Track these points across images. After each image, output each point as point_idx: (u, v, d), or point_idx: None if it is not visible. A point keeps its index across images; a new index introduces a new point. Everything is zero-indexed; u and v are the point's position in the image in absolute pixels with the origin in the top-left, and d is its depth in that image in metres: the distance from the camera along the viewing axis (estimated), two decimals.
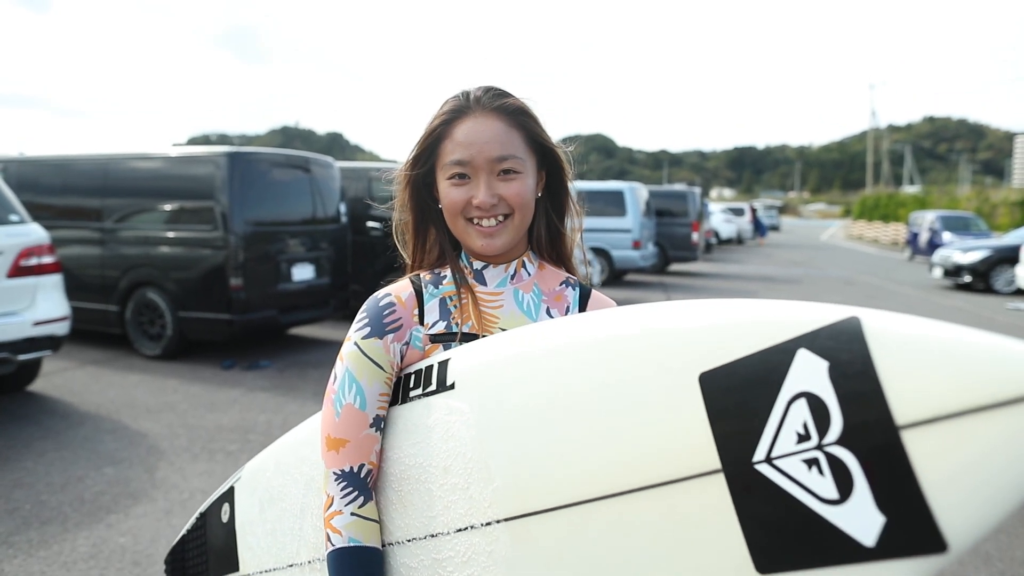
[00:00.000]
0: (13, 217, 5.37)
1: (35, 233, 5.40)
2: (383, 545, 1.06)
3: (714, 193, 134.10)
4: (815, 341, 0.72)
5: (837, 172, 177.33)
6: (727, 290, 14.33)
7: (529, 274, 1.18)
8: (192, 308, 6.81)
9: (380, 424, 1.08)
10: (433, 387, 1.04)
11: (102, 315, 7.24)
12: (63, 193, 7.54)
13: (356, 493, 1.05)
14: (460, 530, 0.98)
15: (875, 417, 0.67)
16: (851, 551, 0.69)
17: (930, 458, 0.65)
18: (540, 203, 1.18)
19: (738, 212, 32.50)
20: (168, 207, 7.01)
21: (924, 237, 21.55)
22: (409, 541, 1.03)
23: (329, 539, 1.04)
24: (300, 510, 1.22)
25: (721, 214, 30.01)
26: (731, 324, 0.80)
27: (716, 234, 27.36)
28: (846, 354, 0.70)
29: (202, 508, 1.51)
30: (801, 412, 0.72)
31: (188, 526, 1.54)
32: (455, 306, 1.13)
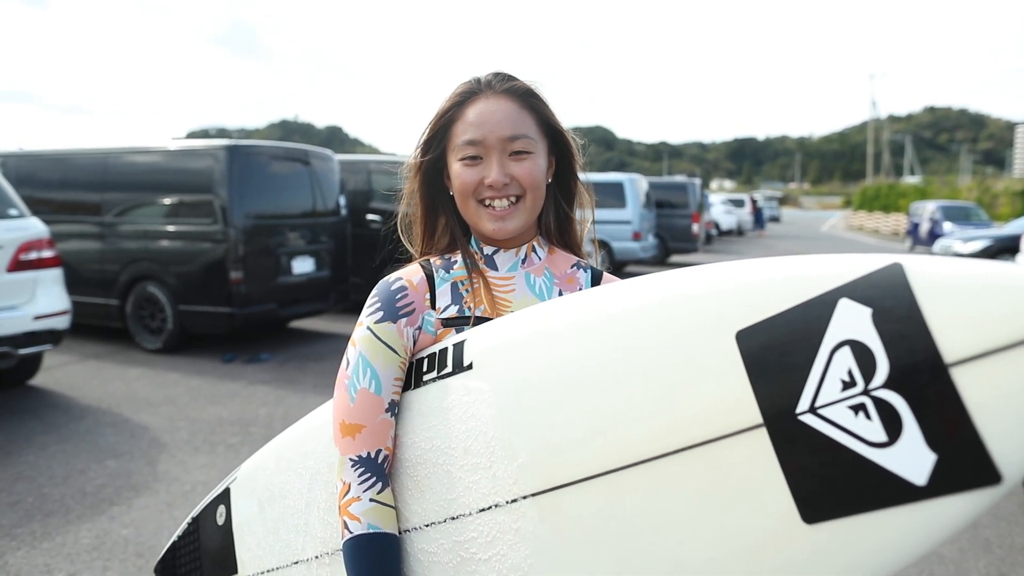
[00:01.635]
0: (12, 211, 5.36)
1: (35, 227, 5.39)
2: (401, 532, 1.04)
3: (714, 184, 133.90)
4: (856, 290, 0.73)
5: (838, 163, 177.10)
6: None
7: (540, 258, 1.18)
8: (192, 302, 6.81)
9: (395, 409, 1.07)
10: (449, 369, 1.03)
11: (103, 309, 7.24)
12: (62, 187, 7.54)
13: (374, 479, 1.03)
14: (483, 510, 0.96)
15: (923, 357, 0.68)
16: (902, 491, 0.69)
17: (981, 392, 0.65)
18: (549, 189, 1.17)
19: (738, 203, 32.43)
20: (168, 201, 7.01)
21: (925, 227, 21.50)
22: (427, 526, 1.02)
23: (346, 526, 1.01)
24: (305, 505, 1.19)
25: (721, 205, 29.93)
26: (765, 281, 0.80)
27: (716, 225, 27.30)
28: (890, 300, 0.71)
29: (193, 513, 1.46)
30: (845, 360, 0.73)
31: (179, 532, 1.48)
32: (467, 290, 1.12)
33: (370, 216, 8.83)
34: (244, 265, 6.68)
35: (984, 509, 0.67)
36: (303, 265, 7.35)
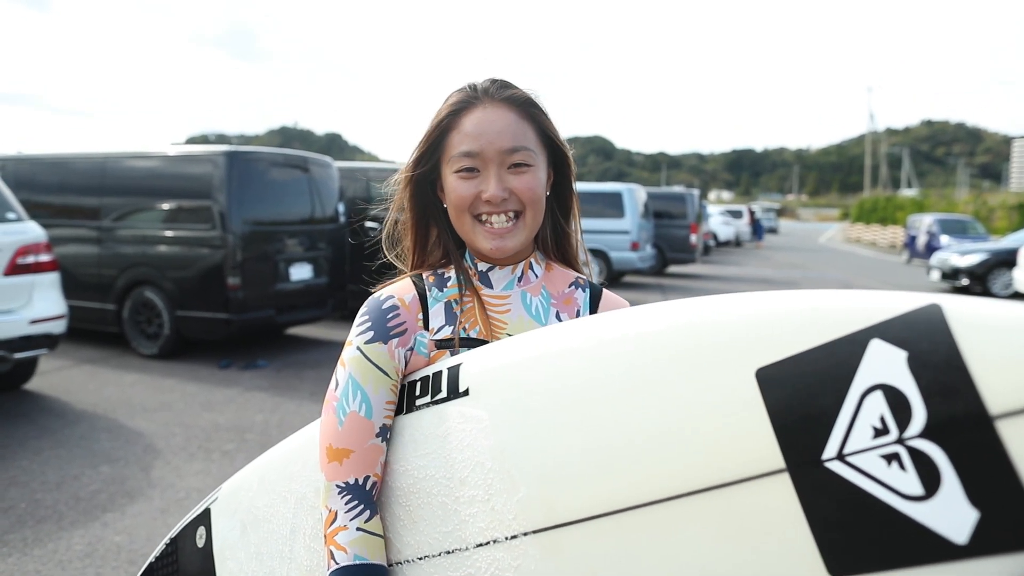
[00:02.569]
0: (10, 215, 5.35)
1: (32, 231, 5.38)
2: (391, 563, 1.00)
3: (712, 195, 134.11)
4: (890, 331, 0.69)
5: (835, 175, 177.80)
6: (726, 292, 14.31)
7: (537, 276, 1.12)
8: (189, 307, 6.80)
9: (386, 434, 1.02)
10: (444, 394, 0.98)
11: (99, 314, 7.22)
12: (61, 191, 7.53)
13: (362, 507, 0.99)
14: (481, 545, 0.91)
15: (965, 408, 0.64)
16: (939, 549, 0.65)
17: None
18: (547, 203, 1.12)
19: (736, 214, 32.53)
20: (166, 206, 7.00)
21: (922, 240, 21.57)
22: (421, 559, 0.97)
23: (332, 557, 0.97)
24: (290, 531, 1.14)
25: (719, 216, 30.03)
26: (789, 316, 0.75)
27: (714, 236, 27.37)
28: (927, 343, 0.66)
29: (172, 533, 1.39)
30: (877, 405, 0.68)
31: (156, 553, 1.41)
32: (461, 310, 1.06)
33: (369, 224, 8.83)
34: (242, 271, 6.67)
35: None
36: (301, 272, 7.34)
